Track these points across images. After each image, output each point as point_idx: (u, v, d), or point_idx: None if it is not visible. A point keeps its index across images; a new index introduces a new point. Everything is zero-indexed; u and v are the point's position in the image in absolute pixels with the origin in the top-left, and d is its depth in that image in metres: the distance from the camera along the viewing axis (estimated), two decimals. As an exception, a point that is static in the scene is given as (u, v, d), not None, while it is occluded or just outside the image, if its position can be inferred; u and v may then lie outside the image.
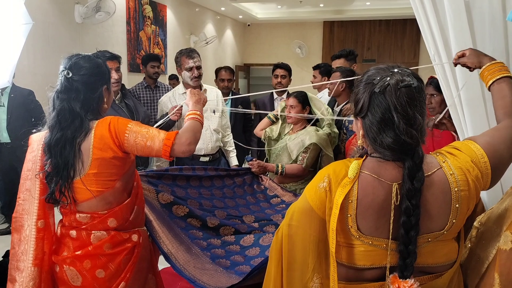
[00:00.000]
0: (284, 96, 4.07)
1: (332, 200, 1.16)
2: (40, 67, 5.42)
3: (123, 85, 3.04)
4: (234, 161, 3.47)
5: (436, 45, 1.84)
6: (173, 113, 2.68)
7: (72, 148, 1.59)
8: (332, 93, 3.44)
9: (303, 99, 2.87)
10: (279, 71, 4.02)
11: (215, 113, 3.31)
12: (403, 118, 1.13)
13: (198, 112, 1.80)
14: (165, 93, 4.75)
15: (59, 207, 1.72)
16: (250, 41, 12.57)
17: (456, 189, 1.16)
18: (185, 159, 3.24)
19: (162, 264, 2.20)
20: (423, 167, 1.16)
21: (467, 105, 1.78)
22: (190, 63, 3.14)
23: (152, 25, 7.81)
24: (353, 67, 3.90)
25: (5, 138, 4.33)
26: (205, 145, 3.24)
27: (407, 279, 1.12)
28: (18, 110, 4.37)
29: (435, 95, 2.37)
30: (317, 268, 1.20)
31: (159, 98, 4.27)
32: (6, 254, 3.00)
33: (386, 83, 1.14)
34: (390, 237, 1.14)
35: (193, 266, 1.94)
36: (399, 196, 1.14)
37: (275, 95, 4.10)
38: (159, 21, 8.06)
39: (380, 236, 1.16)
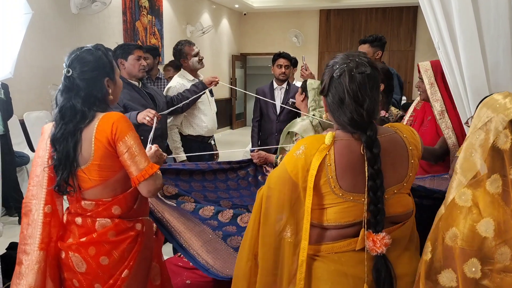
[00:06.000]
0: (284, 85, 4.06)
1: (309, 163, 1.34)
2: (36, 58, 5.38)
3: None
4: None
5: (441, 32, 1.83)
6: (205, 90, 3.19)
7: (73, 139, 1.62)
8: None
9: (303, 86, 2.87)
10: (283, 61, 3.97)
11: (213, 95, 3.67)
12: (354, 99, 1.33)
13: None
14: (166, 84, 4.80)
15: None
16: (247, 31, 12.51)
17: (410, 148, 1.41)
18: (192, 142, 3.56)
19: (166, 254, 2.21)
20: (383, 131, 1.40)
21: (472, 94, 1.78)
22: (195, 49, 3.56)
23: (148, 15, 7.75)
24: (377, 55, 3.84)
25: (0, 130, 4.32)
26: (214, 126, 3.67)
27: (379, 233, 1.31)
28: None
29: (421, 79, 2.42)
30: (289, 221, 1.39)
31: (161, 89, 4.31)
32: (10, 246, 3.01)
33: (343, 69, 1.34)
34: (367, 191, 1.32)
35: (205, 251, 1.99)
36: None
37: (275, 85, 4.09)
38: (155, 11, 8.00)
39: (359, 192, 1.34)
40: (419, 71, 2.43)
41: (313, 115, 2.73)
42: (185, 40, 3.69)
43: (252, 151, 2.73)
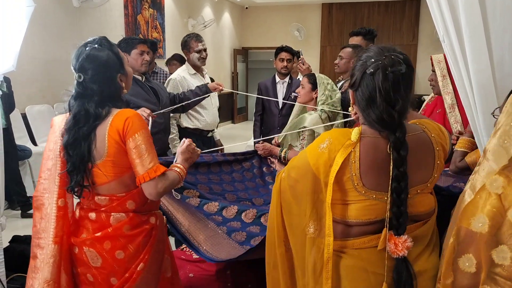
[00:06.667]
0: (287, 79, 4.05)
1: (332, 159, 1.30)
2: (38, 52, 5.36)
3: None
4: None
5: (446, 24, 1.81)
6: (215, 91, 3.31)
7: (87, 141, 1.61)
8: (340, 68, 3.41)
9: (313, 81, 2.83)
10: (285, 55, 3.95)
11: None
12: (385, 100, 1.28)
13: (184, 170, 1.76)
14: (164, 78, 4.78)
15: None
16: (248, 24, 12.46)
17: (437, 148, 1.38)
18: (191, 135, 3.52)
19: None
20: (410, 129, 1.35)
21: (477, 89, 1.76)
22: (200, 46, 3.58)
23: (150, 9, 7.72)
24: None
25: (3, 123, 4.32)
26: (214, 121, 3.72)
27: (401, 236, 1.28)
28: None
29: (434, 72, 2.42)
30: (312, 216, 1.36)
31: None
32: (13, 239, 3.02)
33: (377, 66, 1.28)
34: (390, 190, 1.29)
35: (210, 244, 2.00)
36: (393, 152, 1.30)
37: (277, 79, 4.07)
38: (157, 4, 7.97)
39: (382, 190, 1.32)
40: (432, 64, 2.42)
41: (322, 109, 2.72)
42: (195, 34, 3.68)
43: (256, 142, 2.74)
